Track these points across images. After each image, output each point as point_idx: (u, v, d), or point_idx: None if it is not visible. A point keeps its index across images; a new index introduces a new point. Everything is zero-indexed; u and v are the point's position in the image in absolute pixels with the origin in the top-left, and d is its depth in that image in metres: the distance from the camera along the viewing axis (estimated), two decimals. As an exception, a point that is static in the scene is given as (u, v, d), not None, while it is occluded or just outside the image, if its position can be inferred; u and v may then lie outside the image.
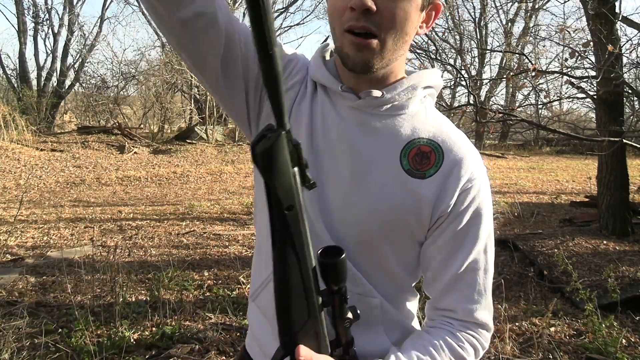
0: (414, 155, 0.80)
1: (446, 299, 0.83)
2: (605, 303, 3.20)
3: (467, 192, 0.80)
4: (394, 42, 0.75)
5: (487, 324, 0.84)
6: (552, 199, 7.46)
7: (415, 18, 0.77)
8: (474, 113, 5.00)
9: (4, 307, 3.13)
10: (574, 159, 13.98)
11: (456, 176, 0.80)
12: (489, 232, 0.84)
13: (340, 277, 0.67)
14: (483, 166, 0.85)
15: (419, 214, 0.80)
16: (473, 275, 0.82)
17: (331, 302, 0.68)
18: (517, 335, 2.94)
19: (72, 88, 16.74)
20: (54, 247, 4.64)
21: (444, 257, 0.82)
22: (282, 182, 0.57)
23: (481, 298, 0.83)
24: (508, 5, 17.59)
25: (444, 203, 0.80)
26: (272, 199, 0.59)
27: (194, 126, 14.21)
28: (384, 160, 0.80)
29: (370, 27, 0.73)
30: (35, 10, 16.11)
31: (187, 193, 8.06)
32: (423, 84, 0.84)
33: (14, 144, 10.74)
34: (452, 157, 0.81)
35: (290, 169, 0.57)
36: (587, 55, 4.24)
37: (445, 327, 0.83)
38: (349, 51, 0.75)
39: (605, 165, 4.77)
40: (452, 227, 0.81)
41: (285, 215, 0.59)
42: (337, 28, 0.76)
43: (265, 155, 0.55)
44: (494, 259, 0.86)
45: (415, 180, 0.80)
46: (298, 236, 0.61)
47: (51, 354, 2.51)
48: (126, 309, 3.08)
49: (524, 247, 4.41)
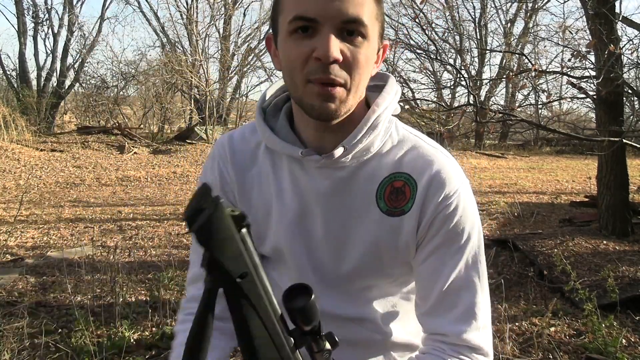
0: (389, 195, 0.79)
1: (434, 322, 0.80)
2: (605, 303, 3.20)
3: (443, 211, 0.78)
4: (357, 87, 0.74)
5: (482, 347, 0.78)
6: (552, 199, 7.45)
7: (373, 60, 0.76)
8: (474, 113, 5.00)
9: (4, 307, 3.13)
10: (574, 159, 13.97)
11: (432, 197, 0.78)
12: (474, 248, 0.80)
13: (310, 319, 0.62)
14: (463, 180, 0.81)
15: (407, 246, 0.80)
16: (459, 294, 0.78)
17: (305, 342, 0.64)
18: (517, 335, 2.94)
19: (72, 88, 16.74)
20: (54, 247, 4.63)
21: (427, 276, 0.80)
22: (227, 252, 0.53)
23: (471, 319, 0.78)
24: (508, 5, 17.61)
25: (422, 224, 0.79)
26: (220, 271, 0.54)
27: (194, 126, 14.21)
28: (361, 208, 0.80)
29: (336, 79, 0.70)
30: (35, 10, 16.11)
31: (187, 193, 8.06)
32: (387, 115, 0.81)
33: (14, 144, 10.74)
34: (425, 180, 0.79)
35: (235, 236, 0.53)
36: (588, 55, 4.25)
37: (435, 353, 0.79)
38: (314, 102, 0.72)
39: (605, 165, 4.77)
40: (431, 245, 0.79)
41: (238, 284, 0.55)
42: (298, 79, 0.72)
43: (204, 231, 0.51)
44: (487, 270, 0.82)
45: (396, 218, 0.79)
46: (257, 298, 0.58)
47: (51, 354, 2.51)
48: (126, 309, 3.08)
49: (524, 247, 4.41)
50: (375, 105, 0.80)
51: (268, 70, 17.09)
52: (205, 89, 14.44)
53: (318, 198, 0.81)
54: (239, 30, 17.57)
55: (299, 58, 0.71)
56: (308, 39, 0.70)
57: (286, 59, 0.73)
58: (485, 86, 16.32)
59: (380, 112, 0.79)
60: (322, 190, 0.81)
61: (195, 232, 0.51)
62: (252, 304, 0.57)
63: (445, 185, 0.78)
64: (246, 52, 16.75)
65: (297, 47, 0.71)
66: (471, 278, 0.79)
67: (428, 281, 0.80)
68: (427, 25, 15.67)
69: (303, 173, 0.82)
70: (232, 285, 0.55)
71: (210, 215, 0.50)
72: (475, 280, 0.79)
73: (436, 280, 0.79)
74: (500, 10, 18.25)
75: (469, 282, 0.79)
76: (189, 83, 15.03)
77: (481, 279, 0.80)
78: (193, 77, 14.36)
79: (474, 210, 0.81)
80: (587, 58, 4.11)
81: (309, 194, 0.82)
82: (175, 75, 14.34)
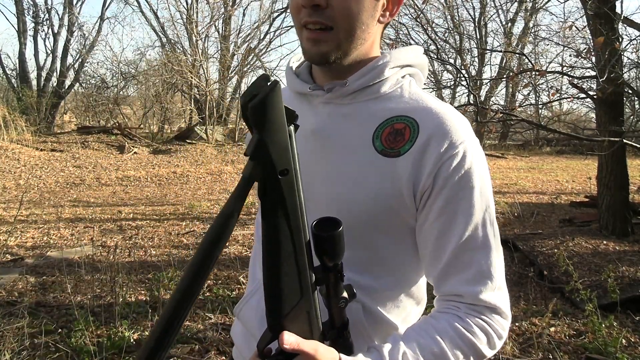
0: (387, 135, 0.77)
1: (447, 283, 0.75)
2: (605, 303, 3.20)
3: (449, 161, 0.73)
4: (349, 33, 0.76)
5: (500, 307, 0.74)
6: (552, 199, 7.45)
7: (371, 7, 0.77)
8: (474, 113, 4.99)
9: (4, 307, 3.12)
10: (574, 159, 13.97)
11: (434, 146, 0.73)
12: (485, 204, 0.75)
13: (336, 252, 0.60)
14: (472, 135, 0.77)
15: (400, 196, 0.75)
16: (472, 255, 0.73)
17: (325, 280, 0.62)
18: (517, 335, 2.94)
19: (72, 88, 16.74)
20: (54, 247, 4.63)
21: (436, 237, 0.75)
22: (277, 139, 0.51)
23: (486, 279, 0.73)
24: (508, 5, 17.61)
25: (424, 177, 0.73)
26: (265, 159, 0.51)
27: (194, 126, 14.20)
28: (356, 146, 0.78)
29: (323, 21, 0.74)
30: (35, 10, 16.12)
31: (187, 193, 8.06)
32: (395, 63, 0.81)
33: (14, 144, 10.74)
34: (429, 127, 0.75)
35: (286, 126, 0.51)
36: (590, 55, 4.25)
37: (451, 312, 0.74)
38: (306, 45, 0.77)
39: (605, 165, 4.77)
40: (438, 202, 0.74)
41: (278, 180, 0.53)
42: (296, 25, 0.78)
43: (259, 107, 0.49)
44: (499, 239, 0.77)
45: (390, 160, 0.75)
46: (292, 205, 0.55)
47: (51, 354, 2.51)
48: (126, 309, 3.08)
49: (524, 247, 4.41)
50: (387, 53, 0.83)
51: (268, 70, 17.10)
52: (205, 89, 14.44)
53: (317, 133, 0.82)
54: (238, 30, 17.59)
55: (294, 7, 0.77)
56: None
57: (290, 9, 0.79)
58: (485, 86, 16.32)
59: (388, 59, 0.81)
60: (322, 125, 0.82)
61: (250, 108, 0.49)
62: (286, 209, 0.54)
63: (451, 134, 0.74)
64: (246, 52, 16.75)
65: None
66: (486, 236, 0.74)
67: (439, 241, 0.75)
68: (428, 25, 15.67)
69: (309, 108, 0.84)
70: (272, 179, 0.52)
71: (268, 94, 0.49)
72: (490, 239, 0.75)
73: (448, 240, 0.74)
74: (500, 10, 18.27)
75: (484, 241, 0.74)
76: (189, 83, 15.02)
77: (496, 238, 0.76)
78: (193, 77, 14.36)
79: (484, 165, 0.77)
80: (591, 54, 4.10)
81: (310, 129, 0.82)
82: (175, 75, 14.34)
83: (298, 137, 0.80)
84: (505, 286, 0.76)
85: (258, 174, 0.53)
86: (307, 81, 0.86)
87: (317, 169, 0.81)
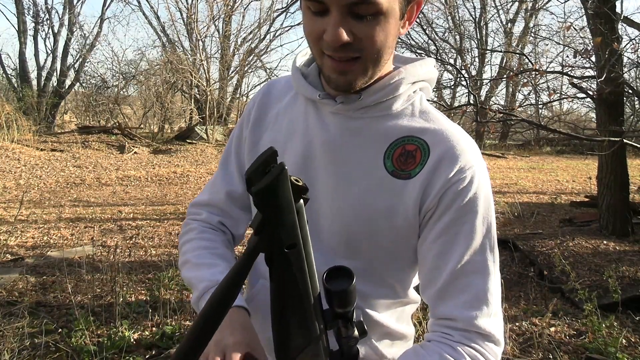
0: (398, 156, 0.76)
1: (442, 306, 0.75)
2: (606, 303, 3.20)
3: (456, 184, 0.74)
4: (377, 60, 0.73)
5: (494, 335, 0.73)
6: (552, 199, 7.45)
7: (395, 30, 0.73)
8: (474, 113, 4.99)
9: (4, 307, 3.12)
10: (574, 159, 13.97)
11: (444, 169, 0.74)
12: (486, 229, 0.75)
13: (347, 302, 0.60)
14: (480, 160, 0.78)
15: (406, 216, 0.76)
16: (470, 279, 0.73)
17: (335, 324, 0.62)
18: (517, 335, 2.94)
19: (72, 88, 16.73)
20: (54, 247, 4.63)
21: (435, 257, 0.75)
22: (283, 220, 0.51)
23: (482, 304, 0.72)
24: (508, 5, 17.61)
25: (430, 197, 0.74)
26: (270, 237, 0.52)
27: (194, 126, 14.20)
28: (367, 164, 0.78)
29: (350, 55, 0.71)
30: (35, 10, 16.10)
31: (187, 193, 8.06)
32: (410, 80, 0.79)
33: (14, 144, 10.74)
34: (439, 150, 0.75)
35: (293, 205, 0.52)
36: (589, 55, 4.24)
37: (443, 341, 0.73)
38: (331, 74, 0.74)
39: (606, 165, 4.77)
40: (441, 223, 0.74)
41: (285, 254, 0.54)
42: (316, 51, 0.74)
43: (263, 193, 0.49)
44: (499, 265, 0.77)
45: (401, 181, 0.76)
46: (301, 273, 0.56)
47: (51, 354, 2.51)
48: (126, 309, 3.08)
49: (524, 247, 4.41)
50: (402, 69, 0.80)
51: (268, 70, 17.11)
52: (205, 89, 14.44)
53: (326, 145, 0.80)
54: (239, 30, 17.59)
55: (312, 34, 0.72)
56: (319, 17, 0.70)
57: (306, 29, 0.74)
58: (485, 86, 16.33)
59: (404, 76, 0.79)
60: (331, 137, 0.79)
61: (256, 193, 0.49)
62: (294, 275, 0.55)
63: (460, 159, 0.75)
64: (246, 51, 16.75)
65: (310, 24, 0.72)
66: (485, 261, 0.74)
67: (437, 261, 0.74)
68: (428, 25, 15.67)
69: (317, 117, 0.81)
70: (279, 254, 0.53)
71: (274, 179, 0.49)
72: (489, 264, 0.74)
73: (447, 261, 0.74)
74: (501, 10, 18.27)
75: (483, 266, 0.74)
76: (190, 83, 15.03)
77: (495, 264, 0.75)
78: (193, 76, 14.36)
79: (489, 191, 0.77)
80: (590, 54, 4.10)
81: (318, 140, 0.80)
82: (176, 74, 14.34)
83: (305, 145, 0.80)
84: (501, 313, 0.76)
85: (264, 247, 0.54)
86: (316, 86, 0.83)
87: (324, 180, 0.80)
